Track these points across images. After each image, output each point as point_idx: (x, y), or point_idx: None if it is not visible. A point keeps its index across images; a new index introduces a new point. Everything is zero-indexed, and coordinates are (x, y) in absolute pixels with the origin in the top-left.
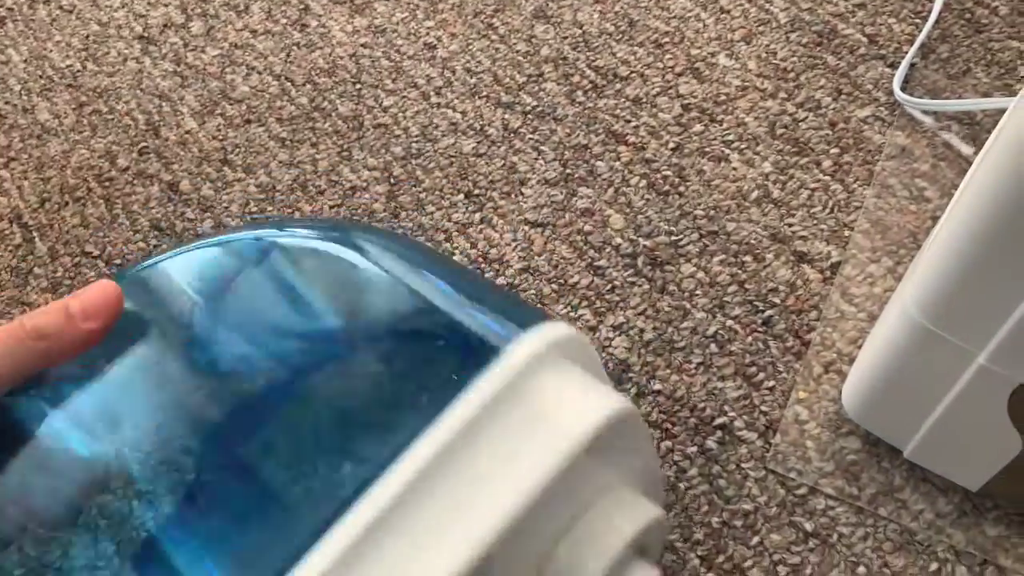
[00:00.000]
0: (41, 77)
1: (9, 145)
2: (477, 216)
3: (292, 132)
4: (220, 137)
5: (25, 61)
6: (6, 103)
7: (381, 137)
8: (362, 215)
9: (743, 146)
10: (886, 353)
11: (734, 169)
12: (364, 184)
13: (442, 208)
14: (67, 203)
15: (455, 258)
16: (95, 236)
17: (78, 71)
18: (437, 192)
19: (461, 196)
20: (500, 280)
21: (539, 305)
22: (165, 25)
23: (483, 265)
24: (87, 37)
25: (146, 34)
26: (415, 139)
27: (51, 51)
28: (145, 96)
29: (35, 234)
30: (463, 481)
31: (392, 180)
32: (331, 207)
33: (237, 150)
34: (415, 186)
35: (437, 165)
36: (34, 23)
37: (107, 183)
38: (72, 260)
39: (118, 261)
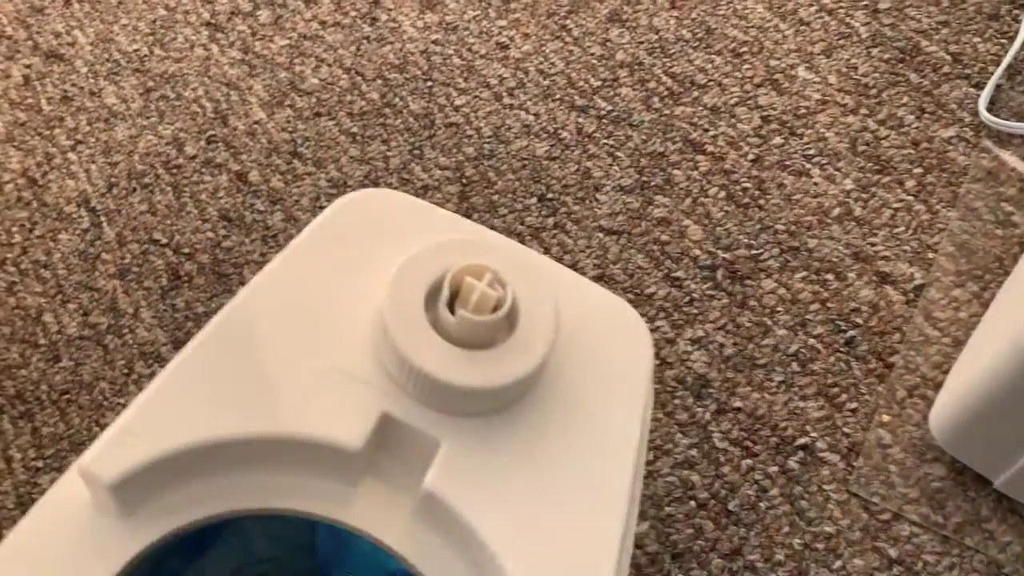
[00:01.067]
0: (108, 60)
1: (76, 128)
2: (550, 221)
3: (363, 127)
4: (289, 129)
5: (92, 44)
6: (73, 85)
7: (453, 136)
8: None
9: (824, 161)
10: (988, 383)
11: (815, 184)
12: (436, 183)
13: (515, 211)
14: (135, 189)
15: None
16: (163, 224)
17: (145, 56)
18: (510, 195)
19: (534, 200)
20: None
21: None
22: (232, 12)
23: None
24: (154, 21)
25: (213, 21)
26: (487, 140)
27: (118, 34)
28: (213, 84)
29: (103, 219)
30: None
31: (464, 181)
32: None
33: (307, 143)
34: (487, 188)
35: (510, 167)
36: (100, 5)
37: (175, 170)
38: (140, 247)
39: (187, 250)
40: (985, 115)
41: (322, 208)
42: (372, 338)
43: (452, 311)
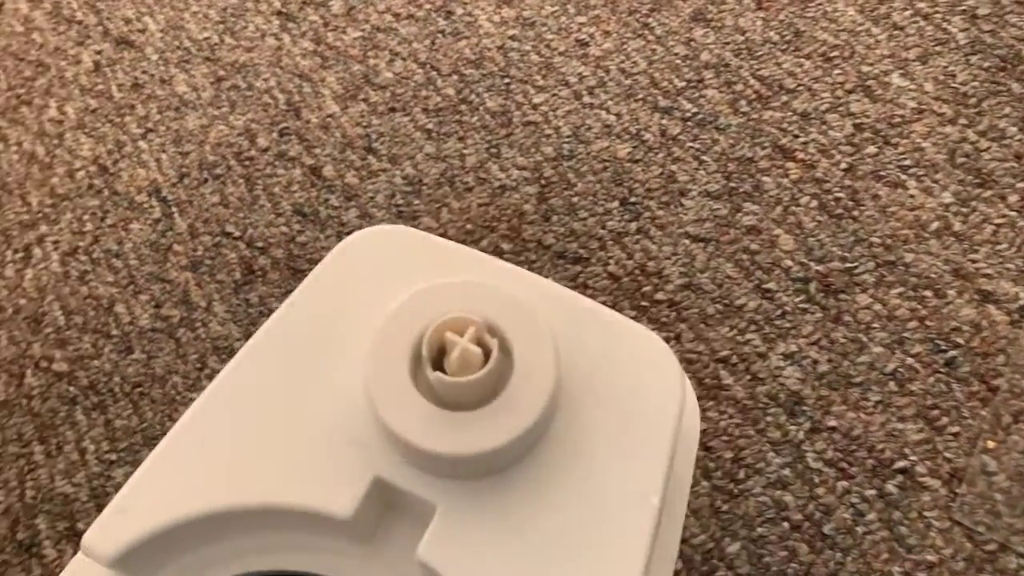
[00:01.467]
0: (178, 48)
1: (147, 116)
2: (633, 225)
3: (439, 124)
4: (364, 124)
5: (162, 31)
6: (143, 72)
7: (531, 135)
8: (511, 216)
9: (921, 172)
10: None
11: (911, 196)
12: (514, 184)
13: (596, 215)
14: (206, 180)
15: (610, 269)
16: (236, 216)
17: (216, 44)
18: (590, 197)
19: (616, 203)
20: (659, 296)
21: (703, 326)
22: (304, 2)
23: (640, 278)
24: (224, 9)
25: (285, 10)
26: (567, 140)
27: (188, 22)
28: (285, 75)
29: (174, 209)
30: None
31: (543, 181)
32: (479, 205)
33: (382, 139)
34: (566, 189)
35: (590, 169)
36: None
37: (247, 162)
38: (212, 239)
39: (260, 244)
40: None
41: (397, 206)
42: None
43: (444, 369)
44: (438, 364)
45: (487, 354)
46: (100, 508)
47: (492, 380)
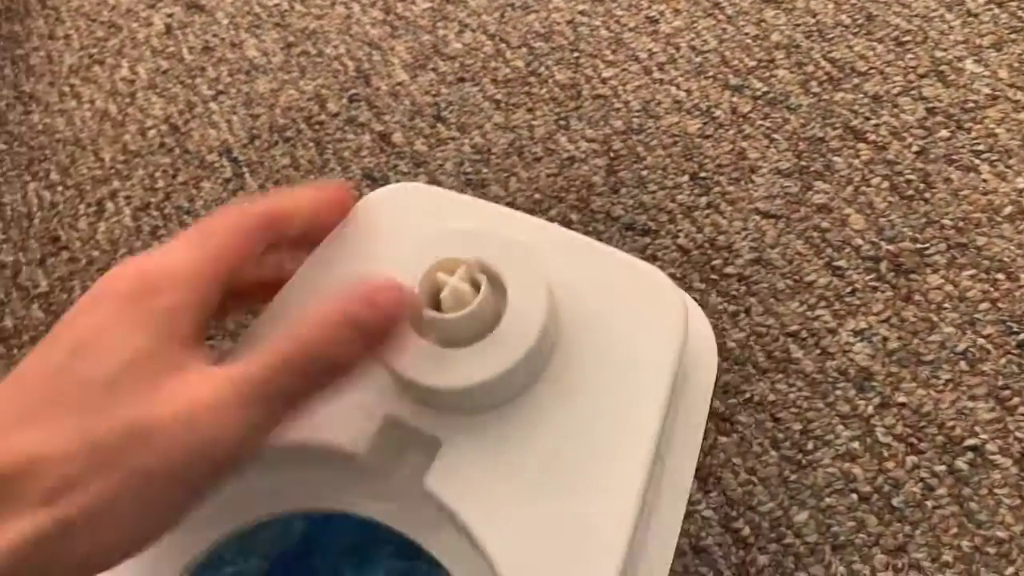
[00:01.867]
0: (248, 13)
1: (217, 78)
2: (703, 200)
3: (507, 95)
4: (433, 92)
5: None
6: (214, 36)
7: (600, 109)
8: (580, 187)
9: (994, 158)
10: None
11: (984, 181)
12: (583, 155)
13: (665, 188)
14: (276, 142)
15: (679, 241)
16: (306, 179)
17: (285, 11)
18: (660, 171)
19: (686, 177)
20: (728, 269)
21: (773, 300)
22: None
23: (710, 252)
24: None
25: None
26: (636, 114)
27: None
28: (354, 42)
29: (245, 169)
30: None
31: (612, 154)
32: (548, 175)
33: (451, 108)
34: (636, 162)
35: (660, 143)
36: None
37: (317, 127)
38: None
39: None
40: None
41: (466, 174)
42: None
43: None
44: (435, 305)
45: (477, 287)
46: None
47: (483, 315)
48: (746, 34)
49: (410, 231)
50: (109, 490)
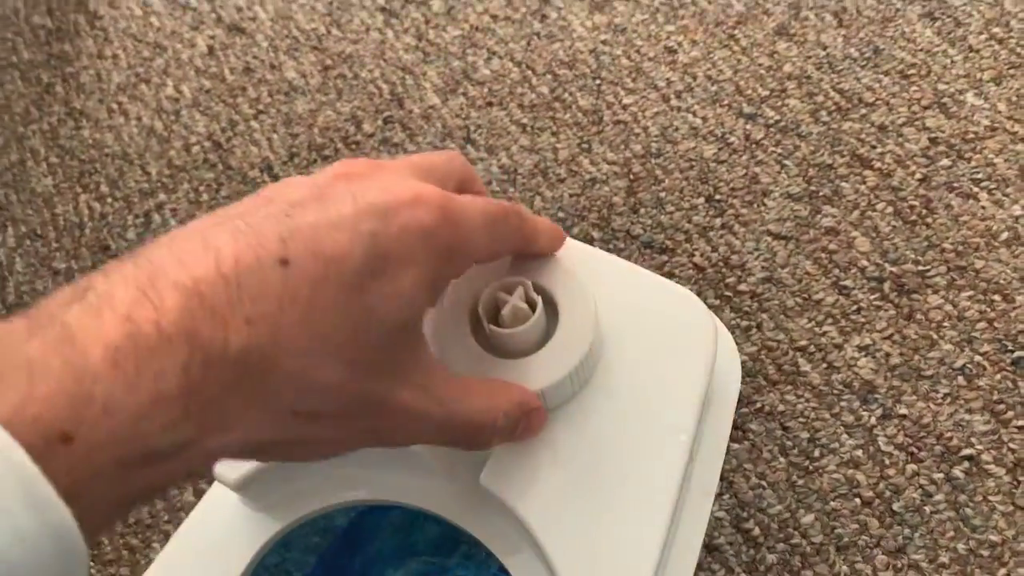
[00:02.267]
0: (287, 37)
1: (258, 98)
2: (718, 221)
3: (533, 119)
4: (463, 116)
5: (272, 20)
6: (254, 58)
7: (620, 133)
8: (601, 207)
9: (992, 186)
10: None
11: (983, 208)
12: (604, 177)
13: (682, 209)
14: (315, 160)
15: (695, 260)
16: None
17: (323, 34)
18: (677, 192)
19: (701, 199)
20: (741, 287)
21: (783, 316)
22: (406, 0)
23: (724, 270)
24: (331, 3)
25: (388, 7)
26: (655, 139)
27: (296, 13)
28: (388, 67)
29: None
30: None
31: (631, 176)
32: (571, 195)
33: (479, 130)
34: (654, 184)
35: (677, 167)
36: None
37: (353, 146)
38: None
39: None
40: None
41: (494, 192)
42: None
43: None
44: (493, 320)
45: (534, 309)
46: None
47: (538, 331)
48: (760, 65)
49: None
50: (332, 433)
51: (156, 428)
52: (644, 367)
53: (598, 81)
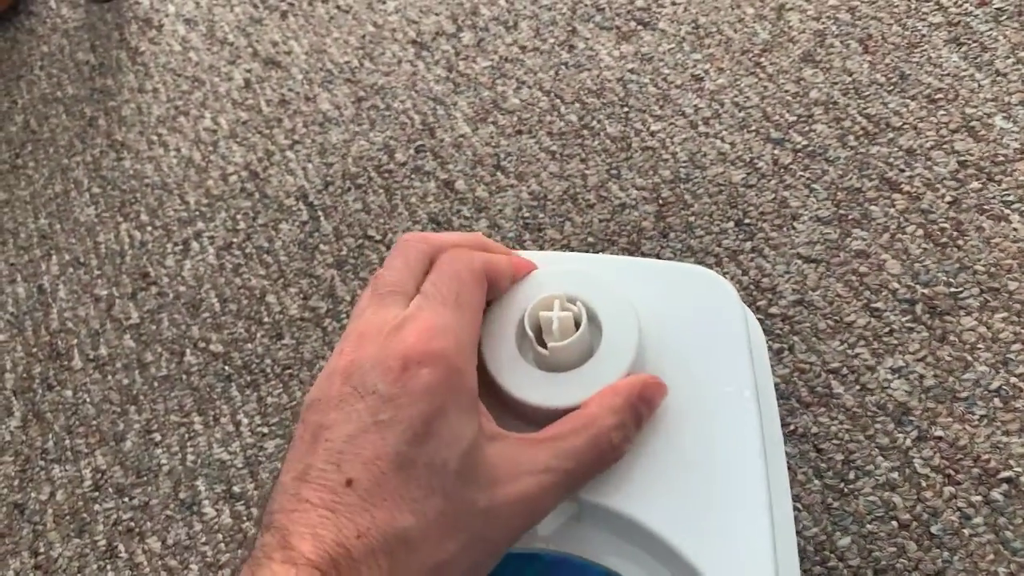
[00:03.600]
0: (321, 70)
1: (293, 129)
2: (748, 245)
3: (562, 146)
4: (493, 144)
5: (306, 53)
6: (290, 90)
7: (649, 159)
8: (630, 232)
9: (1023, 208)
10: None
11: (1015, 230)
12: (633, 202)
13: (712, 233)
14: (349, 188)
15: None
16: (376, 222)
17: (356, 67)
18: (706, 217)
19: (731, 224)
20: (773, 310)
21: (815, 339)
22: (437, 33)
23: (755, 293)
24: (363, 37)
25: (419, 39)
26: (683, 164)
27: (330, 46)
28: (420, 98)
29: (320, 213)
30: None
31: (660, 201)
32: (600, 220)
33: (509, 158)
34: (683, 209)
35: (706, 191)
36: (313, 19)
37: (386, 174)
38: (356, 241)
39: None
40: None
41: (524, 218)
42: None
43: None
44: (540, 339)
45: (577, 322)
46: (254, 475)
47: (586, 341)
48: (786, 91)
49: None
50: (470, 558)
51: None
52: (685, 345)
53: (626, 109)
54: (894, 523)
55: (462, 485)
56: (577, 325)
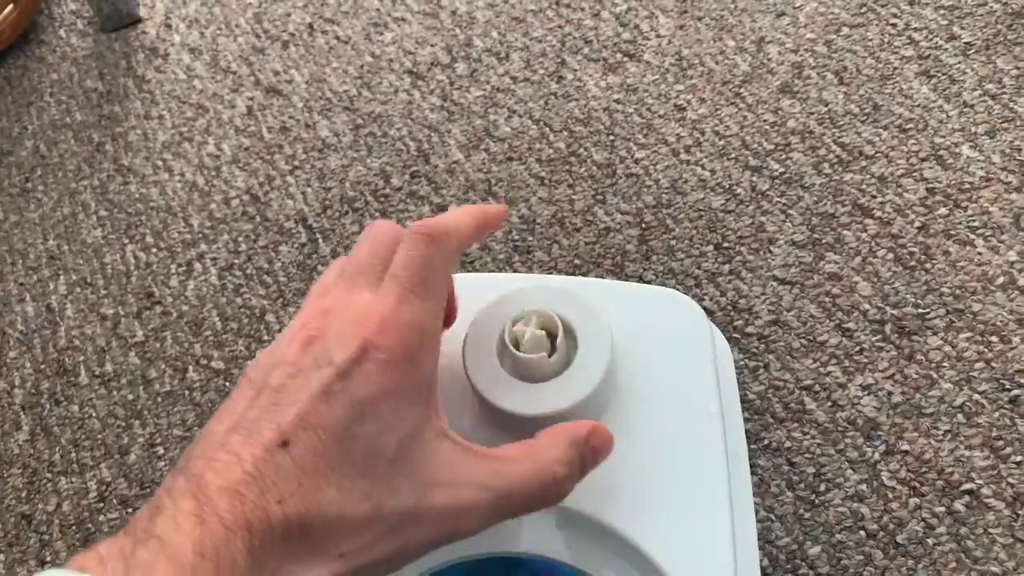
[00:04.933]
0: (321, 98)
1: (294, 155)
2: (726, 267)
3: (550, 172)
4: (485, 170)
5: (307, 82)
6: (290, 117)
7: (633, 185)
8: (615, 254)
9: (988, 233)
10: None
11: (979, 254)
12: (618, 226)
13: (692, 256)
14: (347, 212)
15: (704, 304)
16: None
17: (354, 96)
18: (687, 241)
19: (711, 247)
20: (749, 329)
21: (789, 357)
22: (432, 63)
23: (732, 313)
24: (362, 67)
25: (415, 70)
26: (665, 190)
27: (329, 76)
28: (415, 125)
29: (319, 236)
30: None
31: (644, 225)
32: (586, 243)
33: (500, 183)
34: (665, 233)
35: (687, 216)
36: (314, 49)
37: (383, 198)
38: None
39: None
40: None
41: (514, 241)
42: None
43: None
44: (518, 348)
45: (552, 335)
46: None
47: (562, 355)
48: (765, 121)
49: (475, 305)
50: (383, 554)
51: None
52: (656, 362)
53: (612, 137)
54: (862, 533)
55: (394, 474)
56: (553, 339)
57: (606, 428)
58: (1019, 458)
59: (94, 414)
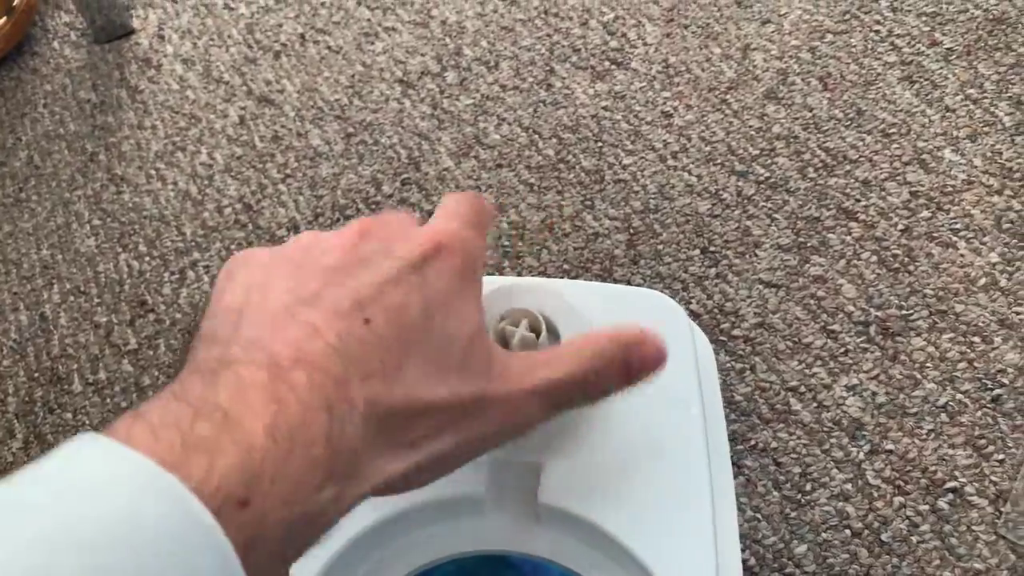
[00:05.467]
0: (312, 107)
1: (285, 163)
2: (712, 271)
3: (540, 179)
4: (475, 177)
5: (298, 92)
6: (282, 127)
7: (621, 191)
8: (603, 259)
9: (970, 235)
10: None
11: (962, 256)
12: (606, 232)
13: (679, 260)
14: (338, 219)
15: (691, 307)
16: None
17: (345, 105)
18: (674, 245)
19: (697, 251)
20: (735, 332)
21: (775, 359)
22: (423, 72)
23: (719, 316)
24: (353, 76)
25: (406, 79)
26: (653, 196)
27: (321, 85)
28: (406, 133)
29: None
30: None
31: (631, 230)
32: (575, 248)
33: (490, 189)
34: (653, 238)
35: (674, 221)
36: (305, 59)
37: (374, 206)
38: None
39: None
40: None
41: (504, 246)
42: None
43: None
44: (506, 345)
45: (537, 333)
46: None
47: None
48: (750, 127)
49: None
50: (447, 447)
51: (311, 491)
52: None
53: (600, 144)
54: (847, 531)
55: (463, 364)
56: (537, 336)
57: (659, 338)
58: (1001, 456)
59: (88, 422)
